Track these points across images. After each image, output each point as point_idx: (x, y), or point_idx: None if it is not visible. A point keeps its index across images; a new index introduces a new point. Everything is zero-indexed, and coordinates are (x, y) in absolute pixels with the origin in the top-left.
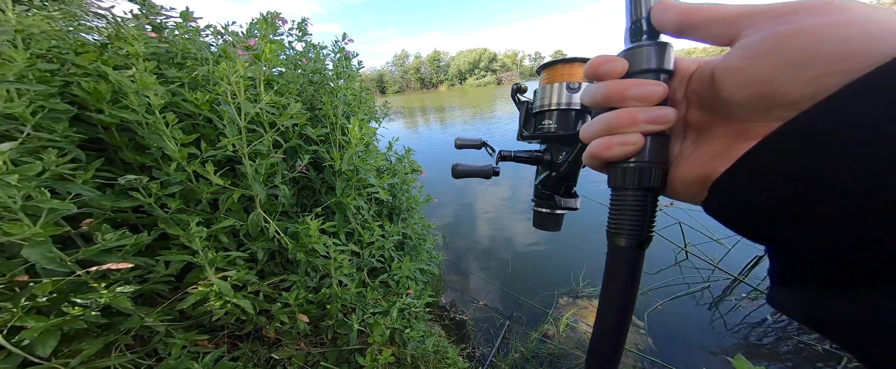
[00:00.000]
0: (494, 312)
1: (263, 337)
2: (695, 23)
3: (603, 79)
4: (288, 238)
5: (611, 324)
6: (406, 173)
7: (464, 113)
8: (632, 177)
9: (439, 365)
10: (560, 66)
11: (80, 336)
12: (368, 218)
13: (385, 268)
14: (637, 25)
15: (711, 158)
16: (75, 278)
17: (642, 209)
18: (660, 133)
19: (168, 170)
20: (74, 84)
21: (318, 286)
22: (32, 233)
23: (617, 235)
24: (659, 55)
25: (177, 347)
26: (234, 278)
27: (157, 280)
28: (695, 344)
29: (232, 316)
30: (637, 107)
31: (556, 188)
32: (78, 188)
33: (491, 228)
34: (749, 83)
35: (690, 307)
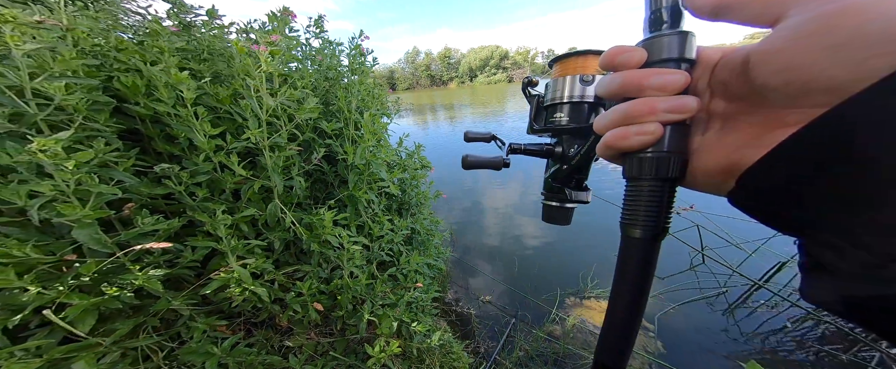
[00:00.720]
0: (500, 310)
1: (276, 326)
2: (734, 3)
3: (619, 69)
4: (303, 228)
5: (622, 317)
6: (416, 169)
7: (474, 111)
8: (649, 166)
9: (444, 360)
10: (573, 59)
11: (113, 316)
12: (379, 212)
13: (394, 261)
14: (657, 15)
15: (738, 148)
16: (115, 259)
17: (659, 199)
18: (680, 123)
19: (196, 160)
20: (115, 78)
21: (330, 277)
22: (83, 214)
23: (631, 226)
24: (680, 44)
25: (198, 331)
26: (253, 266)
27: (184, 265)
28: (706, 349)
29: (249, 303)
30: (656, 96)
31: (566, 181)
32: (119, 174)
33: (498, 226)
34: (789, 67)
35: (704, 312)
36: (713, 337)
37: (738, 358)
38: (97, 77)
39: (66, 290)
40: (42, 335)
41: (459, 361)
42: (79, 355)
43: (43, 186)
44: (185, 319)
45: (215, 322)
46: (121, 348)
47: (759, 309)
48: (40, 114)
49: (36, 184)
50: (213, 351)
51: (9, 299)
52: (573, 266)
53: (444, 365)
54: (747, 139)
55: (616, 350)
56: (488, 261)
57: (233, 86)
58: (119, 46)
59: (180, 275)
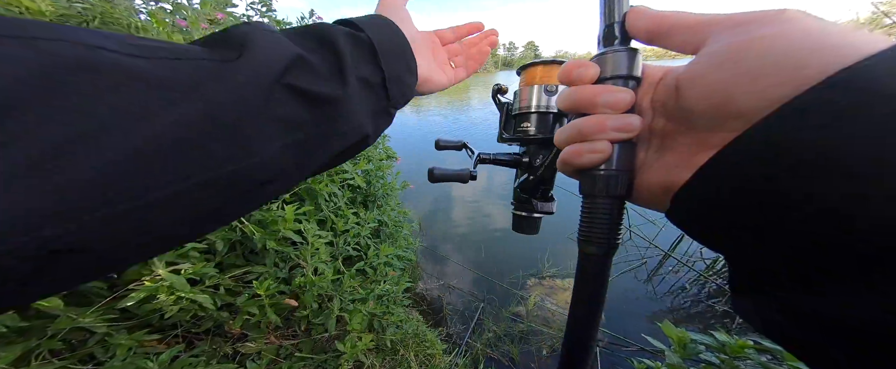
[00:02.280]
0: (469, 296)
1: (226, 334)
2: (665, 30)
3: (575, 83)
4: (253, 226)
5: (582, 329)
6: (381, 159)
7: (439, 100)
8: (601, 184)
9: (418, 349)
10: (538, 68)
11: None
12: (342, 205)
13: (361, 256)
14: (610, 30)
15: (673, 167)
16: None
17: (610, 217)
18: (627, 141)
19: None
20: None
21: (289, 277)
22: None
23: (587, 243)
24: (628, 62)
25: (123, 348)
26: (190, 272)
27: None
28: (633, 313)
29: (187, 312)
30: (606, 114)
31: (533, 191)
32: None
33: (466, 214)
34: (707, 93)
35: (631, 282)
36: (638, 302)
37: (655, 317)
38: None
39: None
40: None
41: (433, 348)
42: None
43: None
44: (101, 337)
45: (143, 336)
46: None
47: (668, 274)
48: None
49: None
50: (147, 365)
51: None
52: (532, 249)
53: (419, 353)
54: (680, 159)
55: (579, 359)
56: (457, 249)
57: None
58: None
59: (85, 290)
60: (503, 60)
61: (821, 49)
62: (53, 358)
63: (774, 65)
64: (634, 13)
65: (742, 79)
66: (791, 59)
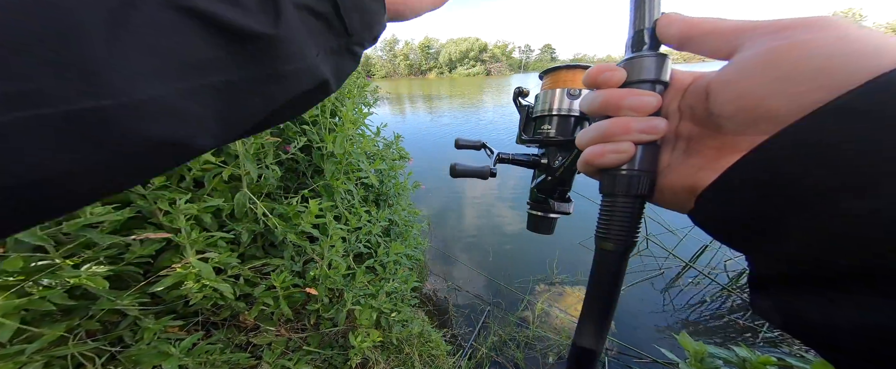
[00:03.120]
0: (476, 298)
1: (240, 324)
2: (696, 36)
3: (601, 87)
4: (276, 219)
5: (594, 324)
6: (394, 159)
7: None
8: (622, 184)
9: (423, 348)
10: (562, 72)
11: (37, 321)
12: (356, 203)
13: (371, 253)
14: (639, 36)
15: (698, 170)
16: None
17: (629, 215)
18: (650, 142)
19: None
20: None
21: (303, 270)
22: None
23: (605, 240)
24: (657, 67)
25: (149, 332)
26: (216, 260)
27: (130, 261)
28: (648, 324)
29: (209, 300)
30: (631, 116)
31: (551, 192)
32: None
33: (476, 216)
34: (739, 96)
35: (647, 291)
36: (653, 313)
37: (670, 330)
38: None
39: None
40: None
41: (437, 349)
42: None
43: None
44: (130, 321)
45: (168, 322)
46: (44, 356)
47: (688, 286)
48: None
49: None
50: (169, 350)
51: None
52: (541, 253)
53: (423, 353)
54: (706, 162)
55: (588, 353)
56: (465, 251)
57: None
58: None
59: (124, 273)
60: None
61: (858, 54)
62: (88, 340)
63: (810, 70)
64: (666, 19)
65: (777, 83)
66: (827, 64)
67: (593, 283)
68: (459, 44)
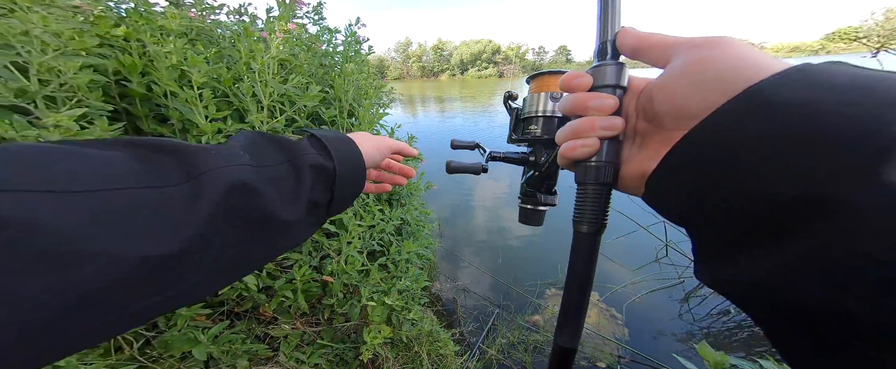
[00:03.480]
0: (484, 300)
1: (260, 316)
2: (644, 48)
3: (573, 91)
4: None
5: (575, 300)
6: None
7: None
8: (591, 173)
9: (431, 347)
10: (546, 77)
11: None
12: (370, 201)
13: (384, 251)
14: (603, 46)
15: (648, 159)
16: None
17: (598, 201)
18: (613, 138)
19: (193, 142)
20: (112, 56)
21: (319, 266)
22: None
23: (580, 223)
24: (616, 73)
25: (182, 318)
26: None
27: None
28: (665, 333)
29: (235, 291)
30: (595, 116)
31: (538, 186)
32: None
33: (486, 218)
34: (670, 98)
35: (664, 300)
36: (671, 322)
37: (689, 341)
38: (92, 53)
39: None
40: None
41: (445, 348)
42: None
43: None
44: None
45: (198, 310)
46: None
47: (709, 296)
48: (44, 91)
49: None
50: (199, 338)
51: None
52: (552, 257)
53: (432, 352)
54: (653, 153)
55: (572, 330)
56: (475, 252)
57: (236, 69)
58: (117, 24)
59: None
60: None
61: (743, 68)
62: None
63: (711, 78)
64: (623, 33)
65: (691, 88)
66: (722, 74)
67: (573, 263)
68: (472, 46)
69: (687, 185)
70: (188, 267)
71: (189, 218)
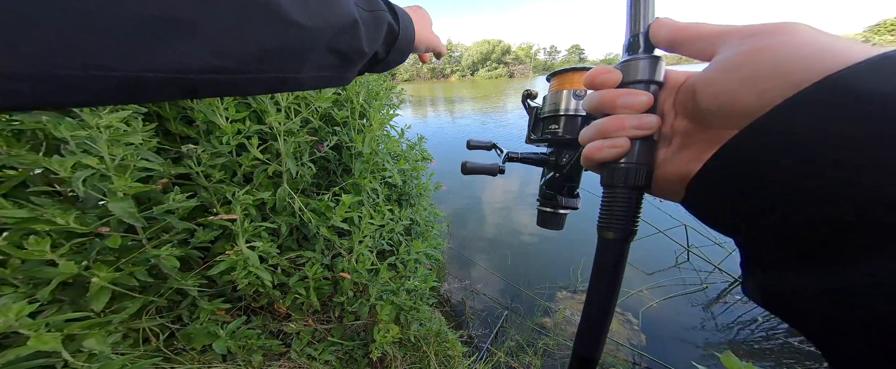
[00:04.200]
0: (493, 302)
1: (275, 312)
2: (683, 39)
3: (599, 88)
4: (311, 213)
5: (598, 309)
6: (417, 160)
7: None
8: (620, 176)
9: (439, 348)
10: (568, 74)
11: (120, 296)
12: (380, 201)
13: (393, 250)
14: (634, 40)
15: (690, 161)
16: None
17: (628, 205)
18: (646, 137)
19: (216, 143)
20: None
21: (332, 264)
22: (126, 187)
23: (606, 229)
24: (650, 68)
25: (205, 312)
26: (260, 249)
27: (194, 245)
28: (684, 341)
29: (252, 287)
30: (626, 114)
31: (559, 189)
32: (145, 153)
33: (496, 219)
34: (718, 94)
35: (685, 307)
36: (691, 329)
37: (711, 349)
38: None
39: (89, 264)
40: (53, 310)
41: (453, 349)
42: (91, 332)
43: (91, 160)
44: (191, 300)
45: (218, 304)
46: (125, 328)
47: (736, 305)
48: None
49: (84, 158)
50: (218, 332)
51: (34, 272)
52: (565, 260)
53: (440, 352)
54: (696, 154)
55: (592, 341)
56: (484, 253)
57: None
58: None
59: (189, 256)
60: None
61: (811, 58)
62: (156, 316)
63: (770, 70)
64: (658, 24)
65: (746, 82)
66: (784, 65)
67: (596, 271)
68: (482, 46)
69: (741, 191)
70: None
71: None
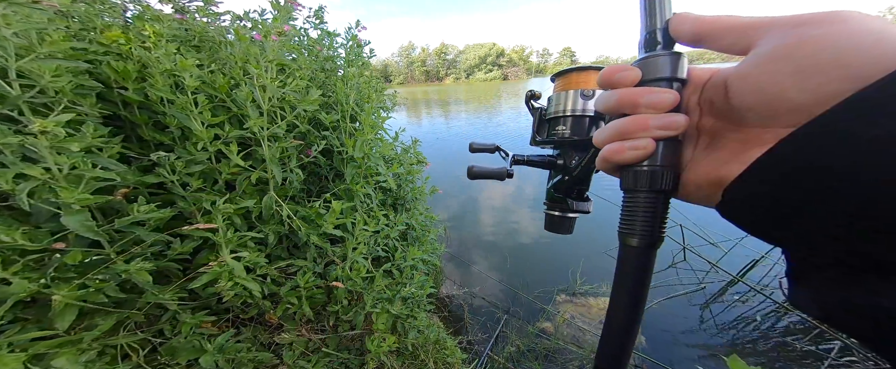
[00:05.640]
0: (492, 306)
1: (266, 323)
2: (712, 32)
3: (615, 87)
4: (300, 221)
5: (621, 322)
6: (411, 164)
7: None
8: (644, 179)
9: (438, 356)
10: (575, 74)
11: (92, 312)
12: (374, 206)
13: (389, 257)
14: (652, 36)
15: (723, 163)
16: (100, 251)
17: (654, 210)
18: (672, 138)
19: (191, 149)
20: (104, 62)
21: (324, 272)
22: (77, 199)
23: (629, 235)
24: (672, 64)
25: (187, 326)
26: (246, 260)
27: (172, 257)
28: (684, 343)
29: (239, 298)
30: (649, 113)
31: (568, 192)
32: (104, 161)
33: (493, 222)
34: (758, 89)
35: (683, 307)
36: (690, 330)
37: (709, 350)
38: (82, 59)
39: (47, 282)
40: (12, 331)
41: (453, 356)
42: (60, 352)
43: (34, 170)
44: (170, 315)
45: (203, 318)
46: (100, 345)
47: (733, 303)
48: (24, 96)
49: (25, 168)
50: (205, 347)
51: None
52: (564, 262)
53: (438, 360)
54: (730, 155)
55: (615, 355)
56: (482, 257)
57: (231, 73)
58: (102, 29)
59: (166, 269)
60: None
61: (874, 47)
62: (137, 331)
63: (825, 63)
64: (679, 18)
65: (795, 76)
66: (842, 57)
67: (619, 281)
68: (477, 49)
69: (796, 200)
70: None
71: None
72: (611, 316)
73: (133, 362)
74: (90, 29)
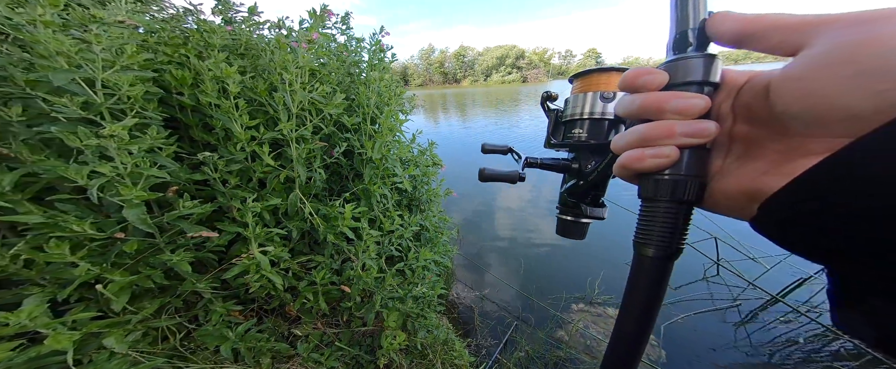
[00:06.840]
0: (503, 310)
1: (286, 314)
2: (756, 32)
3: (640, 91)
4: (320, 219)
5: (629, 334)
6: (427, 166)
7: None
8: (665, 188)
9: (446, 356)
10: (595, 75)
11: (141, 295)
12: (390, 207)
13: (402, 256)
14: (682, 37)
15: (761, 174)
16: (152, 241)
17: (673, 221)
18: (699, 146)
19: (232, 149)
20: (166, 71)
21: (341, 268)
22: (135, 195)
23: (645, 245)
24: (705, 67)
25: (216, 314)
26: (272, 254)
27: (210, 248)
28: (710, 361)
29: (264, 290)
30: (675, 119)
31: (583, 197)
32: (163, 160)
33: (507, 226)
34: (808, 94)
35: (713, 324)
36: (720, 347)
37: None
38: (149, 69)
39: (108, 267)
40: (77, 310)
41: (461, 358)
42: (111, 331)
43: (104, 167)
44: (206, 302)
45: (231, 306)
46: (144, 327)
47: (773, 323)
48: (107, 103)
49: (99, 166)
50: (228, 335)
51: (58, 273)
52: (582, 271)
53: (446, 361)
54: (769, 166)
55: (622, 365)
56: (494, 261)
57: (270, 79)
58: (166, 42)
59: (205, 259)
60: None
61: None
62: (176, 315)
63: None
64: (720, 17)
65: (855, 80)
66: None
67: (630, 291)
68: (495, 51)
69: (850, 213)
70: None
71: None
72: (620, 326)
73: (170, 344)
74: (161, 43)
